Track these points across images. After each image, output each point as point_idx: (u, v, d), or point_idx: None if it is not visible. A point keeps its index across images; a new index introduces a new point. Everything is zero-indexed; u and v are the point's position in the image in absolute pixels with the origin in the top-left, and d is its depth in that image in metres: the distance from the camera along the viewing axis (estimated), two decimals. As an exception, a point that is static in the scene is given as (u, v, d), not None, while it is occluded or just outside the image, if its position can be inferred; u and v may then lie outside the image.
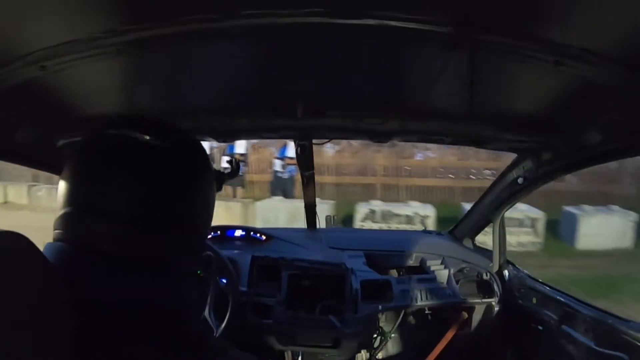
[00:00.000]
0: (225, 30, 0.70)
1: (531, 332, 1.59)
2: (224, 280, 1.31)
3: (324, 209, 6.03)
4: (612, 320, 1.27)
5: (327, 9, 0.66)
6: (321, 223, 2.20)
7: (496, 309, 1.80)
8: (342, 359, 1.87)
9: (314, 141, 1.45)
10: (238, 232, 1.93)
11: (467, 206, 5.56)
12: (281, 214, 6.45)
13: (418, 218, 6.27)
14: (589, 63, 0.75)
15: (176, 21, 0.68)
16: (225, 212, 6.33)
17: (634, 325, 1.22)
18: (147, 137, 0.51)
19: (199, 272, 1.18)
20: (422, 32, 0.69)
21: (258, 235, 1.93)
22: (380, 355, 1.99)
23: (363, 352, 1.94)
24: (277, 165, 7.79)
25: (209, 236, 1.85)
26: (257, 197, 8.06)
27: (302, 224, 2.23)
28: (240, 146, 7.23)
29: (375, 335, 1.94)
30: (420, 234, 2.45)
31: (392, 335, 1.99)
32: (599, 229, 5.93)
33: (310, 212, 2.16)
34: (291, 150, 7.38)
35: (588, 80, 0.81)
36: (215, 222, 0.64)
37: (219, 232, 1.92)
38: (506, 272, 1.83)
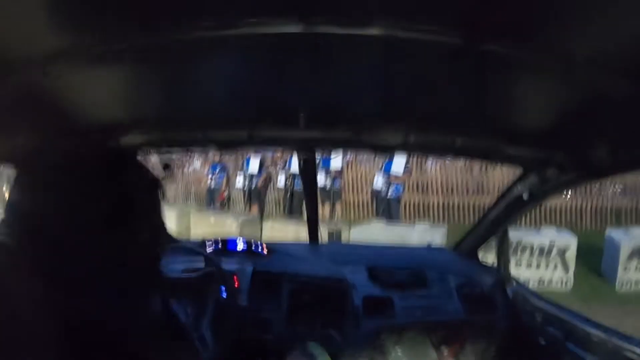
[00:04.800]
0: (227, 39, 0.69)
1: (535, 349, 1.57)
2: (225, 295, 1.30)
3: (437, 237, 5.29)
4: (617, 338, 1.25)
5: (330, 19, 0.66)
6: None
7: (499, 325, 1.77)
8: None
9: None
10: (240, 245, 1.92)
11: (614, 233, 5.07)
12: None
13: (555, 250, 4.91)
14: (595, 75, 0.74)
15: (178, 29, 0.67)
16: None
17: (639, 343, 1.20)
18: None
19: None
20: (428, 42, 0.69)
21: (259, 249, 1.92)
22: None
23: None
24: (379, 182, 6.79)
25: (211, 249, 1.84)
26: (355, 221, 7.14)
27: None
28: (336, 161, 6.65)
29: (376, 351, 1.92)
30: (424, 249, 2.44)
31: (394, 351, 1.96)
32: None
33: (313, 226, 2.15)
34: (398, 164, 6.60)
35: (594, 92, 0.80)
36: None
37: (220, 244, 1.91)
38: (510, 289, 1.81)
